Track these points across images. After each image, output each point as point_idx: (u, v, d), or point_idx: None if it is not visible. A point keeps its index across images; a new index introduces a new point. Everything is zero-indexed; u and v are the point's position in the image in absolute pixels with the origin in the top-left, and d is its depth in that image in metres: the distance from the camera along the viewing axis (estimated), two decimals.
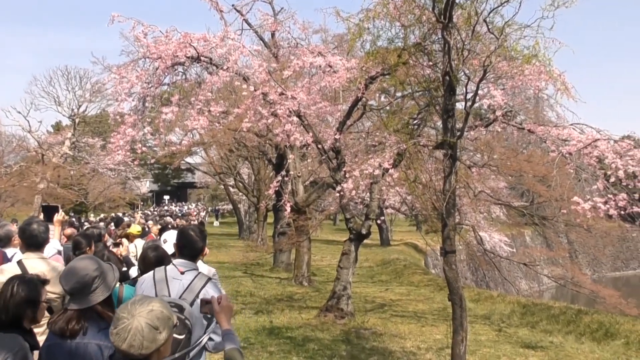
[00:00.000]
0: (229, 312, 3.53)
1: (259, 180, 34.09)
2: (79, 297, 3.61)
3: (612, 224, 25.37)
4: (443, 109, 7.64)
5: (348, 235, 14.00)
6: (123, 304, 2.88)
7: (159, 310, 2.82)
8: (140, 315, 2.76)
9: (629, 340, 12.09)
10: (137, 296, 3.00)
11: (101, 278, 3.70)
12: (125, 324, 2.73)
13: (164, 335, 2.80)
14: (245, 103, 11.08)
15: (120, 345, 2.73)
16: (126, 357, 2.76)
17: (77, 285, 3.61)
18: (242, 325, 12.39)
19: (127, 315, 2.76)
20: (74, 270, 3.67)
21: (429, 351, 10.95)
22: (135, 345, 2.72)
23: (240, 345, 3.36)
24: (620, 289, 45.58)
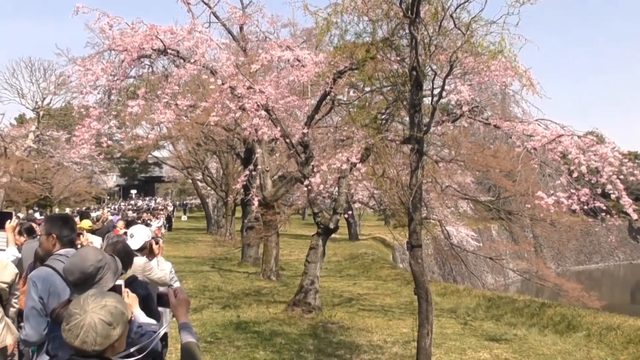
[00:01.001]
0: (185, 305, 3.50)
1: (227, 174, 33.95)
2: (83, 287, 3.58)
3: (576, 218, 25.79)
4: (410, 103, 7.67)
5: (316, 229, 14.01)
6: (75, 299, 2.83)
7: (113, 305, 2.77)
8: (94, 311, 2.70)
9: (590, 332, 12.32)
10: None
11: (105, 269, 3.70)
12: (77, 320, 2.68)
13: (118, 331, 2.76)
14: (213, 97, 10.98)
15: (73, 342, 2.67)
16: (79, 354, 2.71)
17: (81, 276, 3.60)
18: (209, 320, 12.34)
19: (80, 311, 2.70)
20: (78, 261, 3.65)
21: (396, 345, 11.03)
22: (89, 341, 2.67)
23: (197, 338, 3.33)
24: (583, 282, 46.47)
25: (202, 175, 39.09)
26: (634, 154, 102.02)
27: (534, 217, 22.81)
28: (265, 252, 20.10)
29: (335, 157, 11.51)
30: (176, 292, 3.56)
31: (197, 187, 44.89)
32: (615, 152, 8.79)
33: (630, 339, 11.38)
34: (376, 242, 41.78)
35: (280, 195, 19.41)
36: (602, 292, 53.17)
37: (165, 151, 45.73)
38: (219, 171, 38.75)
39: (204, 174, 38.49)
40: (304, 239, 32.34)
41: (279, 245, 20.45)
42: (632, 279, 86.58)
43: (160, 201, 71.38)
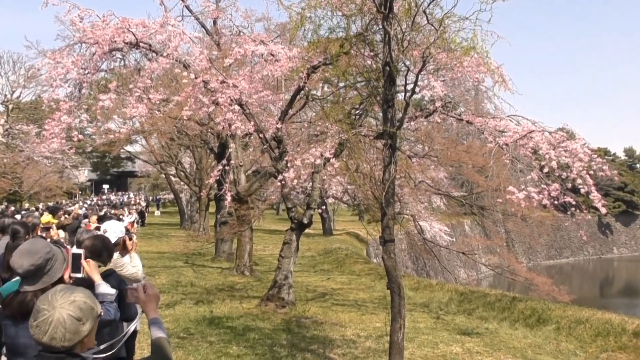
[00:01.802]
0: (155, 300, 3.47)
1: (200, 169, 33.75)
2: (33, 279, 3.58)
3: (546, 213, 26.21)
4: (383, 99, 7.69)
5: (290, 224, 14.01)
6: (43, 295, 2.78)
7: (82, 300, 2.72)
8: (62, 306, 2.65)
9: (559, 325, 12.50)
10: (58, 286, 2.89)
11: (53, 259, 3.69)
12: (45, 316, 2.63)
13: (88, 327, 2.71)
14: (186, 91, 10.88)
15: (41, 338, 2.62)
16: (48, 350, 2.67)
17: (31, 268, 3.58)
18: (182, 316, 12.27)
19: (48, 307, 2.65)
20: (26, 252, 3.63)
21: (369, 339, 11.08)
22: (57, 337, 2.62)
23: (167, 334, 3.30)
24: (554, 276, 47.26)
25: (176, 170, 38.79)
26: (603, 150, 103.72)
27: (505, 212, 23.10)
28: (239, 247, 20.05)
29: (309, 152, 11.53)
30: (145, 287, 3.53)
31: (170, 182, 44.54)
32: (585, 148, 8.92)
33: (598, 332, 11.58)
34: (350, 237, 41.91)
35: (254, 190, 19.36)
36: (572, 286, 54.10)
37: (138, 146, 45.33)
38: (193, 166, 38.49)
39: (177, 169, 38.20)
40: (278, 234, 32.33)
41: (252, 240, 20.41)
42: (601, 273, 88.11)
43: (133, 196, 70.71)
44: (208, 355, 9.29)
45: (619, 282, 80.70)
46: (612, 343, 11.04)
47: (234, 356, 9.37)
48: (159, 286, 15.92)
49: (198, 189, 33.70)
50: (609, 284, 79.94)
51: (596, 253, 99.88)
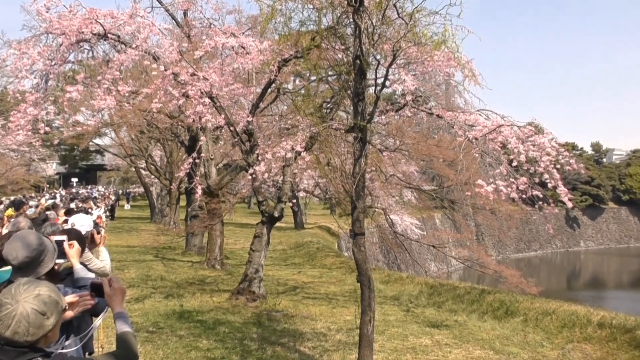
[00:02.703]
0: (120, 294, 3.44)
1: (171, 162, 33.48)
2: (27, 270, 3.57)
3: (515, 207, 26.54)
4: (354, 92, 7.69)
5: (261, 218, 13.98)
6: (6, 288, 2.73)
7: (47, 294, 2.68)
8: (26, 300, 2.61)
9: (527, 317, 12.67)
10: (22, 279, 2.83)
11: (46, 251, 3.73)
12: (9, 310, 2.58)
13: (52, 321, 2.67)
14: (155, 83, 10.78)
15: (4, 333, 2.57)
16: (10, 345, 2.62)
17: (26, 260, 3.60)
18: (151, 310, 12.18)
19: (11, 301, 2.60)
20: (21, 244, 3.63)
21: (339, 332, 11.12)
22: (20, 331, 2.58)
23: (133, 328, 3.27)
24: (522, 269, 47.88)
25: (146, 163, 38.40)
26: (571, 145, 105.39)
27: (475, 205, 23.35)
28: (210, 241, 19.95)
29: (280, 145, 11.50)
30: (111, 281, 3.49)
31: (140, 175, 44.06)
32: (553, 142, 9.02)
33: (564, 324, 11.76)
34: (321, 231, 41.97)
35: (225, 183, 19.27)
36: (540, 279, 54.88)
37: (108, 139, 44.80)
38: (163, 159, 38.15)
39: (148, 162, 37.82)
40: (250, 228, 32.20)
41: (223, 234, 20.31)
42: (569, 266, 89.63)
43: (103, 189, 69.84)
44: (177, 349, 9.23)
45: (586, 275, 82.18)
46: (578, 334, 11.23)
47: (204, 350, 9.32)
48: (128, 280, 15.78)
49: (168, 182, 33.46)
50: (575, 276, 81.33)
51: (564, 246, 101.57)
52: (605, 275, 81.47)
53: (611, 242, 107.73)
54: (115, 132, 35.87)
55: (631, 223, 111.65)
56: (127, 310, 10.44)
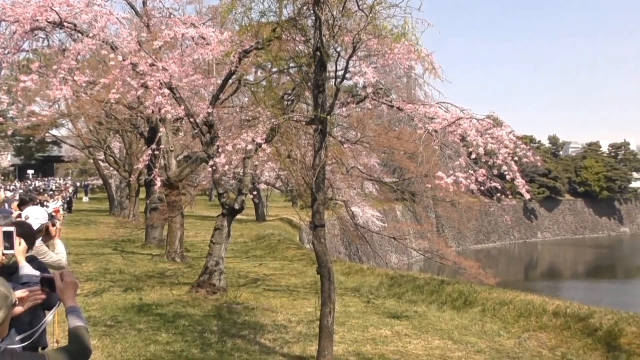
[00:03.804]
0: (73, 288, 3.35)
1: (130, 154, 33.03)
2: None
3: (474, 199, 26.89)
4: (314, 84, 7.69)
5: (221, 210, 13.90)
6: None
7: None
8: None
9: (485, 307, 12.87)
10: None
11: None
12: None
13: (1, 315, 2.61)
14: (113, 73, 10.59)
15: None
16: None
17: None
18: (109, 303, 12.01)
19: None
20: None
21: (300, 324, 11.14)
22: None
23: (86, 322, 3.21)
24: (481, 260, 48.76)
25: (105, 155, 37.77)
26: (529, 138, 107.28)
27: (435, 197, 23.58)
28: (170, 234, 19.77)
29: (241, 137, 11.42)
30: (62, 274, 3.41)
31: (99, 167, 43.34)
32: (511, 135, 9.15)
33: (521, 313, 11.99)
34: (283, 223, 41.93)
35: (185, 175, 19.09)
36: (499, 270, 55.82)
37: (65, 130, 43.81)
38: (122, 151, 37.59)
39: (106, 154, 37.21)
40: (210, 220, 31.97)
41: (183, 227, 20.15)
42: (526, 256, 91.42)
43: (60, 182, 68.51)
44: (136, 343, 9.13)
45: (543, 265, 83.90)
46: (534, 323, 11.46)
47: (163, 343, 9.24)
48: (86, 274, 15.54)
49: (128, 174, 33.02)
50: (533, 267, 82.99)
51: (522, 237, 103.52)
52: (561, 265, 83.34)
53: (567, 233, 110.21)
54: (73, 123, 35.15)
55: (586, 214, 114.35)
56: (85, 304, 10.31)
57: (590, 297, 42.04)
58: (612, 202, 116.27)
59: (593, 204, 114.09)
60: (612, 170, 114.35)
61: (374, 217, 35.17)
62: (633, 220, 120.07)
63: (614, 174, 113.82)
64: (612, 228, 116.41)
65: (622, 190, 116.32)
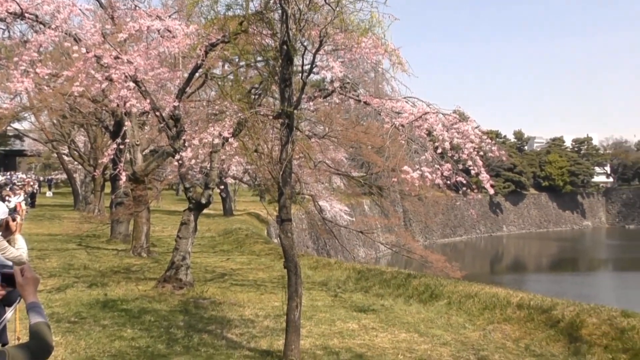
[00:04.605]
0: (34, 284, 3.29)
1: (95, 148, 32.57)
2: None
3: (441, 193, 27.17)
4: (281, 78, 7.68)
5: (188, 204, 13.80)
6: None
7: None
8: None
9: (451, 300, 13.01)
10: None
11: None
12: None
13: None
14: (77, 66, 10.40)
15: None
16: None
17: None
18: (73, 299, 11.84)
19: None
20: None
21: (267, 318, 11.13)
22: None
23: (47, 318, 3.16)
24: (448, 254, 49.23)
25: (69, 149, 37.11)
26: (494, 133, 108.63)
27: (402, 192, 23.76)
28: (136, 229, 19.56)
29: (207, 131, 11.36)
30: (23, 270, 3.34)
31: (63, 161, 42.62)
32: (476, 130, 9.25)
33: (486, 306, 12.15)
34: (251, 218, 41.81)
35: (151, 170, 18.90)
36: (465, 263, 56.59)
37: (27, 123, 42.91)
38: (87, 145, 37.02)
39: (71, 148, 36.58)
40: (177, 215, 31.73)
41: (150, 221, 19.95)
42: (492, 250, 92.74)
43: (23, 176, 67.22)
44: (101, 339, 9.02)
45: (508, 259, 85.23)
46: (498, 315, 11.62)
47: (128, 339, 9.15)
48: (49, 269, 15.30)
49: (93, 168, 32.52)
50: (498, 260, 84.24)
51: (487, 231, 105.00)
52: (526, 258, 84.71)
53: (532, 226, 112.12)
54: (35, 117, 34.48)
55: (550, 208, 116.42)
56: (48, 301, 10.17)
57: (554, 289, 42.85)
58: (575, 196, 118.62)
59: (557, 198, 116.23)
60: (575, 165, 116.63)
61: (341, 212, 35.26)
62: (595, 214, 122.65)
63: (577, 168, 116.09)
64: (575, 222, 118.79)
65: (584, 184, 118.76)
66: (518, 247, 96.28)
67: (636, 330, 9.55)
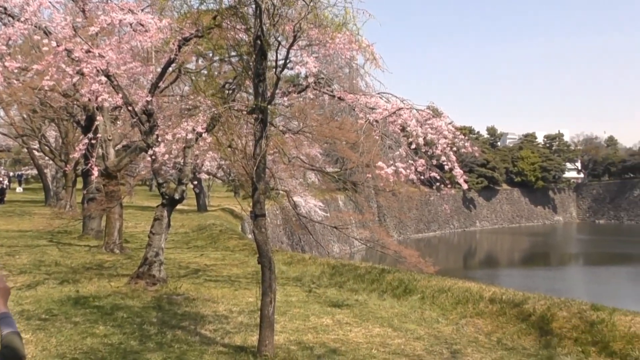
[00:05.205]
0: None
1: (67, 143, 32.15)
2: None
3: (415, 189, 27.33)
4: (254, 73, 7.65)
5: (161, 200, 13.69)
6: None
7: None
8: None
9: (424, 295, 13.12)
10: None
11: None
12: None
13: None
14: (47, 59, 10.24)
15: None
16: None
17: None
18: (44, 296, 11.68)
19: None
20: None
21: (241, 314, 11.10)
22: None
23: (17, 328, 3.10)
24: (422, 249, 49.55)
25: (39, 144, 36.55)
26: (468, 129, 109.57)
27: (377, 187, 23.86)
28: (108, 225, 19.35)
29: (181, 126, 11.26)
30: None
31: (33, 157, 41.95)
32: (450, 125, 9.29)
33: (459, 300, 12.27)
34: (225, 213, 41.63)
35: (124, 165, 18.71)
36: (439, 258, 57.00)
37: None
38: (58, 140, 36.52)
39: (41, 143, 36.02)
40: (151, 211, 31.43)
41: (122, 217, 19.75)
42: (465, 245, 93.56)
43: None
44: (72, 337, 8.91)
45: (481, 253, 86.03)
46: (471, 309, 11.75)
47: (101, 336, 9.05)
48: (19, 266, 15.09)
49: (64, 164, 32.10)
50: (472, 255, 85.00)
51: (461, 226, 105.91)
52: (498, 253, 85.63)
53: (504, 222, 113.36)
54: (5, 111, 33.87)
55: (522, 204, 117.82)
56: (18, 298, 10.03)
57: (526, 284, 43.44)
58: (546, 191, 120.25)
59: (529, 193, 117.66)
60: (547, 161, 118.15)
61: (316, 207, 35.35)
62: (566, 209, 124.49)
63: (548, 164, 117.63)
64: (547, 217, 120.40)
65: (556, 180, 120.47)
66: (491, 242, 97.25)
67: (605, 323, 9.73)
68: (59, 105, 23.42)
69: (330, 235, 61.82)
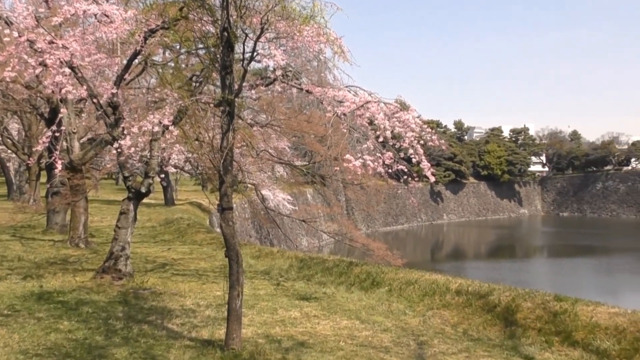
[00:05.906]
0: None
1: (30, 136, 31.57)
2: None
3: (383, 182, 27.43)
4: (221, 65, 7.59)
5: (127, 194, 13.53)
6: None
7: None
8: None
9: (391, 287, 13.21)
10: None
11: None
12: None
13: None
14: (8, 50, 10.02)
15: None
16: None
17: None
18: (6, 292, 11.46)
19: None
20: None
21: (209, 308, 11.05)
22: None
23: None
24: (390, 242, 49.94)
25: (1, 137, 35.84)
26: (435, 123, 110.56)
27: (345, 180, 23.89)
28: (73, 219, 19.06)
29: (147, 119, 11.12)
30: None
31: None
32: (417, 119, 9.35)
33: (425, 292, 12.38)
34: (192, 207, 41.35)
35: (89, 158, 18.44)
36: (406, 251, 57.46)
37: None
38: (21, 133, 35.84)
39: (3, 136, 35.33)
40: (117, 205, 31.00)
41: (88, 211, 19.48)
42: (433, 238, 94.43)
43: None
44: (35, 332, 8.76)
45: (448, 246, 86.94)
46: (438, 301, 11.87)
47: (65, 332, 8.92)
48: None
49: (27, 157, 31.53)
50: (439, 248, 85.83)
51: (428, 219, 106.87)
52: (465, 246, 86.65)
53: (471, 214, 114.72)
54: None
55: (489, 197, 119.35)
56: None
57: (493, 276, 44.02)
58: (512, 185, 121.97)
59: (495, 186, 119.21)
60: (512, 155, 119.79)
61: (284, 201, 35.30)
62: (531, 202, 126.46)
63: (514, 158, 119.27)
64: (513, 210, 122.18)
65: (521, 173, 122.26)
66: (458, 235, 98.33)
67: (568, 313, 9.92)
68: (22, 98, 22.98)
69: (299, 228, 61.86)
